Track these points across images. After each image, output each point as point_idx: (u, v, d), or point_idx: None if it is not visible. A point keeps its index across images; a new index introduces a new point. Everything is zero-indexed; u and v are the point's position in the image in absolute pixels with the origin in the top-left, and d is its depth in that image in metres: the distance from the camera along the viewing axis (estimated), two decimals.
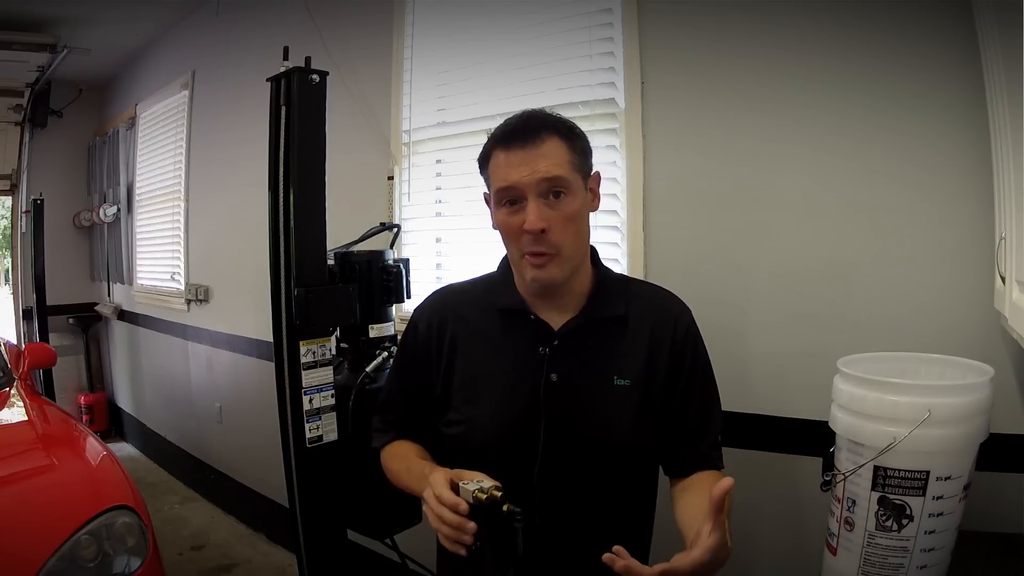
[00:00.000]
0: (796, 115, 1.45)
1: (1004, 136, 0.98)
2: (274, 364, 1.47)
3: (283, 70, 1.43)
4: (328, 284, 1.47)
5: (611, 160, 1.72)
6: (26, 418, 2.31)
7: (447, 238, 2.19)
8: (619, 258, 1.72)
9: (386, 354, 1.51)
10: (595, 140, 1.12)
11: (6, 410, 2.38)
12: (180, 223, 3.55)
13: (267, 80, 1.46)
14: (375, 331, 1.54)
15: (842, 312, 1.40)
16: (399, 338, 1.19)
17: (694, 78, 1.59)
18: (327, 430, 1.46)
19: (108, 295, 4.51)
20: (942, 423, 0.93)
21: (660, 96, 1.65)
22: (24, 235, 4.42)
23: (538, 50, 1.88)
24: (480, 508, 0.81)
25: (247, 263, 2.88)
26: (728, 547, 0.75)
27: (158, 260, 3.88)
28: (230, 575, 2.72)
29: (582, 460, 0.98)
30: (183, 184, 3.51)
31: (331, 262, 1.51)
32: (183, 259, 3.54)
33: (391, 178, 2.26)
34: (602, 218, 1.72)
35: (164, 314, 3.77)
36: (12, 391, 2.55)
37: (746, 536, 1.49)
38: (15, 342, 4.22)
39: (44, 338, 4.14)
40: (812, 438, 1.34)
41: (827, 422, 1.09)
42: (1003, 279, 1.00)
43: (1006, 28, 0.88)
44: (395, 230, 1.71)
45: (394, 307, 1.61)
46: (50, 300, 4.24)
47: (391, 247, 1.66)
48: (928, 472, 0.95)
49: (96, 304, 4.65)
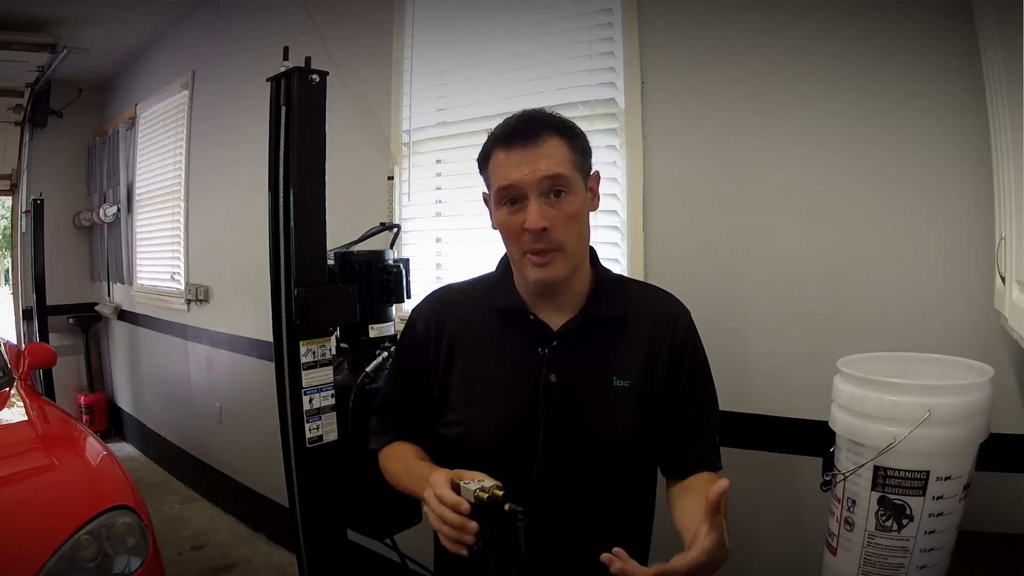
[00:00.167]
0: (796, 115, 1.45)
1: (1004, 136, 0.98)
2: (274, 364, 1.47)
3: (283, 70, 1.44)
4: (328, 284, 1.47)
5: (611, 160, 1.72)
6: (26, 418, 2.31)
7: (447, 238, 2.19)
8: (619, 258, 1.72)
9: (386, 354, 1.51)
10: (595, 140, 1.12)
11: (6, 410, 2.38)
12: (180, 223, 3.55)
13: (267, 80, 1.46)
14: (375, 331, 1.55)
15: (842, 312, 1.40)
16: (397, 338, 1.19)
17: (694, 78, 1.60)
18: (327, 430, 1.46)
19: (108, 295, 4.51)
20: (942, 423, 0.93)
21: (660, 96, 1.65)
22: (24, 235, 4.42)
23: (538, 50, 1.88)
24: (481, 508, 0.80)
25: (247, 263, 2.88)
26: (726, 548, 0.75)
27: (158, 260, 3.88)
28: (230, 575, 2.72)
29: (581, 461, 0.98)
30: (183, 184, 3.51)
31: (331, 262, 1.51)
32: (183, 259, 3.54)
33: (391, 178, 2.26)
34: (602, 218, 1.72)
35: (164, 314, 3.77)
36: (12, 391, 2.55)
37: (746, 536, 1.49)
38: (15, 342, 4.21)
39: (44, 338, 4.14)
40: (812, 438, 1.34)
41: (827, 422, 1.09)
42: (1003, 279, 1.00)
43: (1006, 28, 0.88)
44: (395, 230, 1.71)
45: (394, 307, 1.61)
46: (50, 300, 4.24)
47: (391, 247, 1.66)
48: (928, 472, 0.95)
49: (96, 304, 4.65)
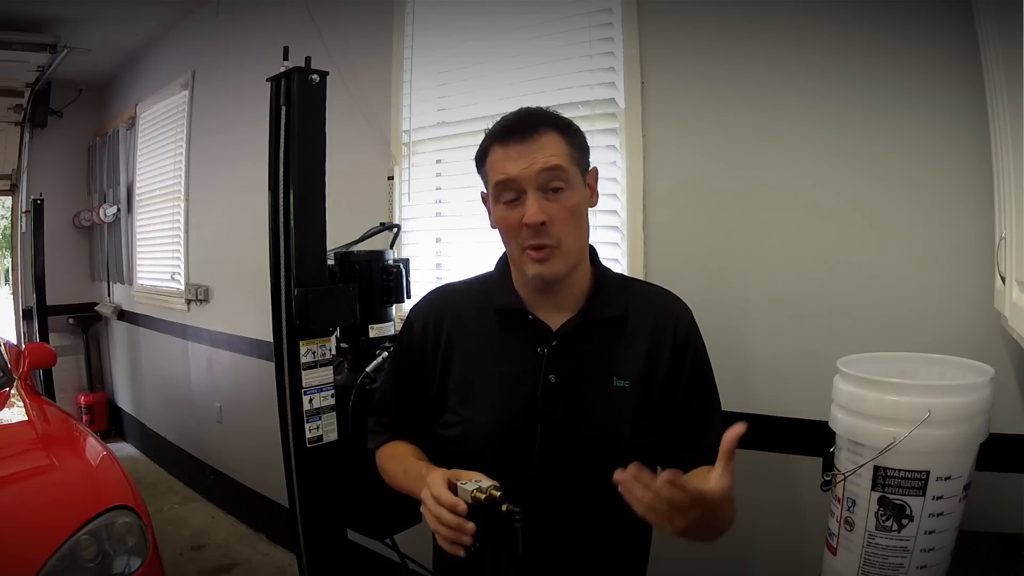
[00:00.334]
0: (796, 115, 1.45)
1: (1004, 136, 0.98)
2: (274, 364, 1.47)
3: (283, 70, 1.44)
4: (328, 284, 1.47)
5: (611, 160, 1.72)
6: (26, 418, 2.31)
7: (447, 238, 2.19)
8: (619, 258, 1.72)
9: (386, 354, 1.51)
10: (595, 140, 1.12)
11: (6, 410, 2.38)
12: (180, 223, 3.55)
13: (267, 80, 1.46)
14: (375, 331, 1.55)
15: (842, 312, 1.40)
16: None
17: (694, 78, 1.59)
18: (327, 430, 1.46)
19: (108, 295, 4.51)
20: (942, 423, 0.93)
21: (660, 96, 1.65)
22: (24, 235, 4.42)
23: (538, 50, 1.88)
24: (479, 508, 0.80)
25: (247, 263, 2.88)
26: (733, 507, 0.76)
27: (158, 260, 3.88)
28: (230, 575, 2.72)
29: (581, 461, 0.97)
30: (183, 184, 3.51)
31: (331, 262, 1.51)
32: (183, 259, 3.54)
33: (391, 178, 2.26)
34: (602, 218, 1.73)
35: (164, 314, 3.77)
36: (12, 391, 2.55)
37: (746, 536, 1.49)
38: (15, 342, 4.22)
39: (44, 338, 4.14)
40: (812, 438, 1.33)
41: (827, 422, 1.09)
42: (1003, 279, 1.00)
43: (1006, 28, 0.88)
44: (395, 230, 1.71)
45: (394, 307, 1.61)
46: (50, 300, 4.24)
47: (391, 247, 1.66)
48: (928, 472, 0.95)
49: (96, 304, 4.65)
